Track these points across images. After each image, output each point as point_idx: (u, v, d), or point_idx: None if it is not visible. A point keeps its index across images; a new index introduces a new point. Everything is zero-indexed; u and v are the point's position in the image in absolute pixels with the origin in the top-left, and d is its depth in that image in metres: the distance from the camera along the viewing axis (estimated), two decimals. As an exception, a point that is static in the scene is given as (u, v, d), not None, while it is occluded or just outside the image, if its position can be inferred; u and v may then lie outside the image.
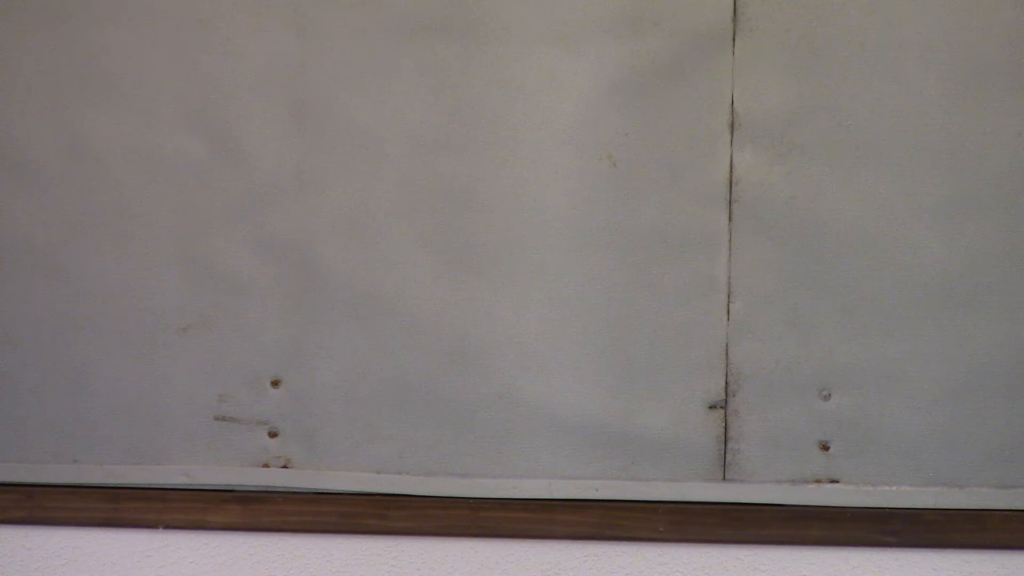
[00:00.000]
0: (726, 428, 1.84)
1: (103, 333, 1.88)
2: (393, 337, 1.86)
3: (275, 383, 1.88)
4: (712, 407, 1.84)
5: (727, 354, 1.83)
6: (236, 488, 1.89)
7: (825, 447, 1.83)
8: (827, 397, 1.83)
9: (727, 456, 1.84)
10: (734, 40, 1.79)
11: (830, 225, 1.81)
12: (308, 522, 1.88)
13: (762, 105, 1.80)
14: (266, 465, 1.89)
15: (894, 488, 1.83)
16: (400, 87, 1.83)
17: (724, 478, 1.84)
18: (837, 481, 1.84)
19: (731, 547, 1.85)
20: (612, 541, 1.86)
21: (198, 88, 1.85)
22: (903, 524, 1.83)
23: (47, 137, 1.87)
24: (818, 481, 1.84)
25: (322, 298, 1.86)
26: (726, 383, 1.83)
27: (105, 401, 1.89)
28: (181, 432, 1.89)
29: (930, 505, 1.82)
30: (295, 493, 1.89)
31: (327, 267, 1.86)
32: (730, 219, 1.82)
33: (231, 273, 1.87)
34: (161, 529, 1.90)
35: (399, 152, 1.84)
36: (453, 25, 1.82)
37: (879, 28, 1.78)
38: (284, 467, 1.89)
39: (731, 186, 1.81)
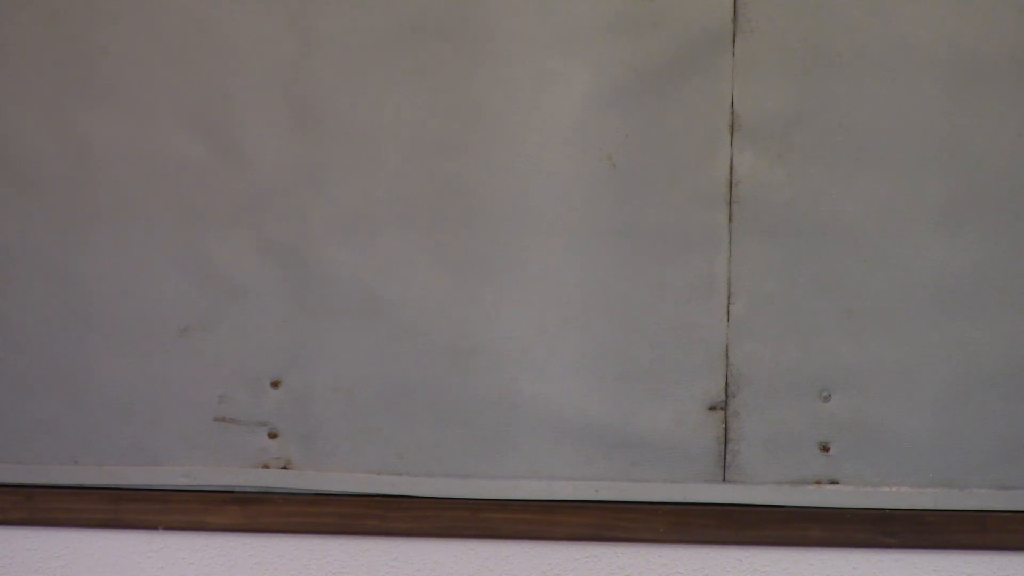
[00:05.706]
0: (726, 429, 1.84)
1: (103, 333, 1.88)
2: (393, 338, 1.86)
3: (275, 384, 1.88)
4: (712, 408, 1.84)
5: (727, 355, 1.83)
6: (236, 489, 1.89)
7: (825, 448, 1.83)
8: (827, 398, 1.82)
9: (727, 457, 1.84)
10: (734, 40, 1.79)
11: (830, 226, 1.80)
12: (308, 523, 1.88)
13: (762, 106, 1.80)
14: (266, 466, 1.89)
15: (894, 489, 1.83)
16: (400, 87, 1.83)
17: (724, 479, 1.84)
18: (837, 482, 1.83)
19: (731, 548, 1.85)
20: (612, 542, 1.86)
21: (198, 89, 1.85)
22: (903, 525, 1.82)
23: (47, 138, 1.87)
24: (818, 482, 1.84)
25: (322, 298, 1.86)
26: (726, 384, 1.83)
27: (105, 401, 1.89)
28: (181, 433, 1.89)
29: (930, 506, 1.82)
30: (295, 494, 1.89)
31: (327, 267, 1.86)
32: (730, 219, 1.82)
33: (231, 274, 1.87)
34: (161, 530, 1.90)
35: (399, 152, 1.84)
36: (453, 26, 1.82)
37: (879, 28, 1.78)
38: (284, 468, 1.89)
39: (731, 186, 1.81)
